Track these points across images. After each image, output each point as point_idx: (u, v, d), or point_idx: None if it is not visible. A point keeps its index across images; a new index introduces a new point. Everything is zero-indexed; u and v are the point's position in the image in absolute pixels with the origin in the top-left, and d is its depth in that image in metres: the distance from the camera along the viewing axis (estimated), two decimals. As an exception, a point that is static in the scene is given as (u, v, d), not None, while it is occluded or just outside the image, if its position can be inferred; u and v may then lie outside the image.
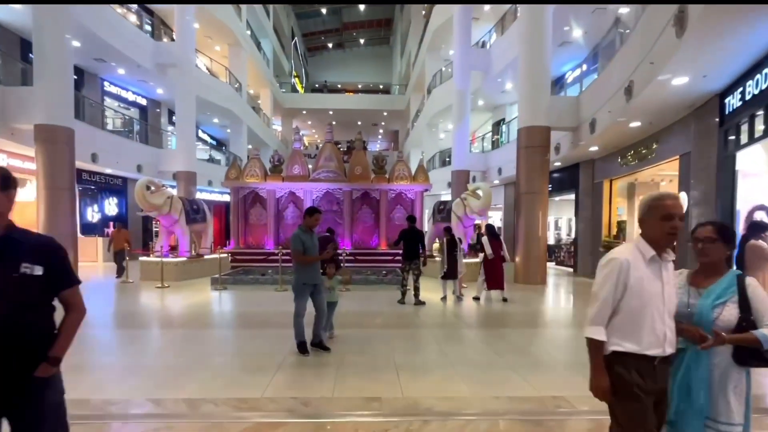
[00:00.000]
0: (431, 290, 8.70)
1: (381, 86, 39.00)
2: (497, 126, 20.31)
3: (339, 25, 39.50)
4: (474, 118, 20.88)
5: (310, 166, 14.49)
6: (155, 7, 17.61)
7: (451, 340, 5.36)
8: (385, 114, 35.35)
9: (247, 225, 14.17)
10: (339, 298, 5.29)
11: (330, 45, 43.24)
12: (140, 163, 15.55)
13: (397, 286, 9.58)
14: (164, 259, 9.90)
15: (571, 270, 13.80)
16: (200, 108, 19.33)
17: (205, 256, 11.57)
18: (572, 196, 13.98)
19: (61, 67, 10.04)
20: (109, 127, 16.32)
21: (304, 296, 4.48)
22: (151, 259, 10.31)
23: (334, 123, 24.13)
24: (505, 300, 7.91)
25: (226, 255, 12.11)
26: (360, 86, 38.35)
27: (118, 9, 14.59)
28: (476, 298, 8.05)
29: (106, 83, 16.80)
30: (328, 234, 8.96)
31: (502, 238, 8.63)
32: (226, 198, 21.59)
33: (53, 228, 9.84)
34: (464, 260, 8.64)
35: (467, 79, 16.96)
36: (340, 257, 9.39)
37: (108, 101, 17.03)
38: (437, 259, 10.88)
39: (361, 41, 42.61)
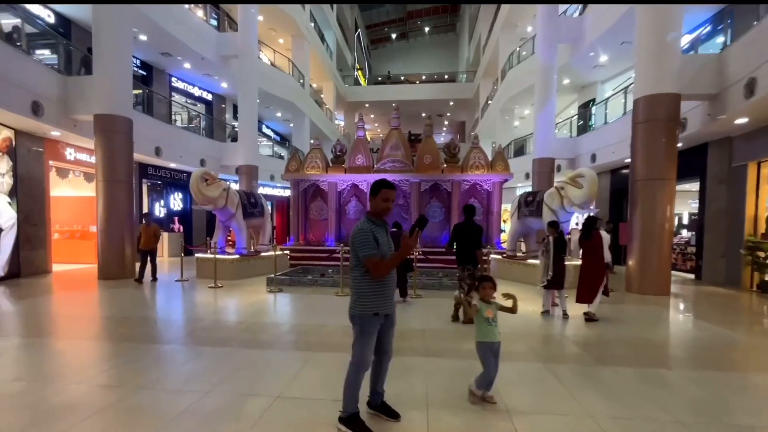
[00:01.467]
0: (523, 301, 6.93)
1: (446, 76, 36.90)
2: (585, 108, 17.64)
3: (403, 14, 38.10)
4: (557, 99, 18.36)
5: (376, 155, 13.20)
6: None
7: (584, 385, 3.65)
8: (451, 104, 33.37)
9: (307, 220, 13.25)
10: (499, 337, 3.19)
11: (393, 36, 42.05)
12: (203, 156, 15.26)
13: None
14: (218, 257, 9.09)
15: (691, 276, 11.15)
16: (263, 101, 18.93)
17: (263, 253, 10.69)
18: (692, 185, 11.29)
19: (120, 56, 9.63)
20: (178, 122, 16.33)
21: (373, 333, 2.70)
22: (207, 256, 9.58)
23: (393, 118, 23.04)
24: (589, 318, 5.93)
25: (282, 253, 11.18)
26: (424, 77, 36.58)
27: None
28: (566, 315, 6.13)
29: (173, 79, 16.82)
30: (395, 230, 7.56)
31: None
32: (288, 193, 21.14)
33: (111, 221, 9.45)
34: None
35: (553, 53, 14.66)
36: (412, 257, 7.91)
37: (176, 97, 17.07)
38: (532, 262, 9.03)
39: (426, 30, 40.89)
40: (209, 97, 18.83)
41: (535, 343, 4.92)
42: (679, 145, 10.57)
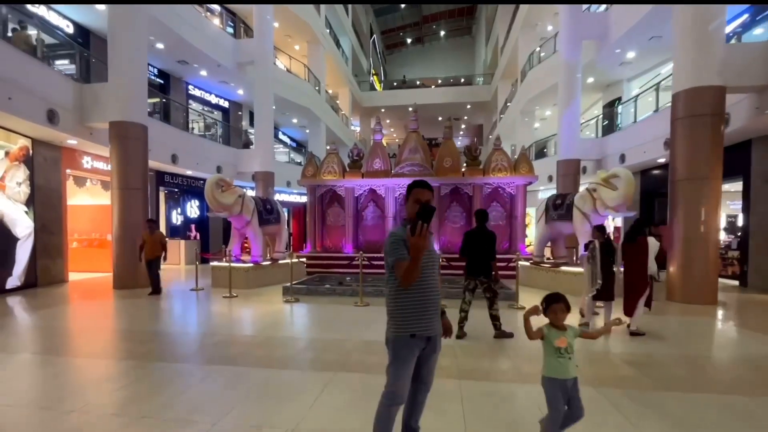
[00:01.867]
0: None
1: (462, 79, 36.40)
2: (610, 107, 16.93)
3: (418, 19, 37.83)
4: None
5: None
6: (235, 8, 17.36)
7: (647, 415, 3.13)
8: (468, 107, 32.84)
9: (324, 226, 12.91)
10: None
11: (409, 41, 41.80)
12: (219, 164, 15.13)
13: (510, 303, 7.45)
14: (233, 265, 8.79)
15: (734, 283, 10.36)
16: (279, 107, 18.80)
17: (279, 261, 10.38)
18: (732, 185, 10.53)
19: (135, 62, 9.51)
20: (195, 130, 16.28)
21: (409, 359, 2.24)
22: (221, 264, 9.31)
23: (411, 120, 22.72)
24: (633, 332, 5.34)
25: (299, 260, 10.85)
26: (440, 81, 36.16)
27: (200, 9, 14.33)
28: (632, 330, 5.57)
29: (190, 87, 16.82)
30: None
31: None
32: (305, 199, 20.94)
33: (125, 229, 9.28)
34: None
35: (578, 50, 14.08)
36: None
37: (193, 105, 17.06)
38: (575, 270, 8.43)
39: (442, 33, 40.54)
40: (226, 104, 18.80)
41: (580, 362, 4.39)
42: (721, 142, 9.87)
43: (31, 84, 8.30)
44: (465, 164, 12.16)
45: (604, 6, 15.00)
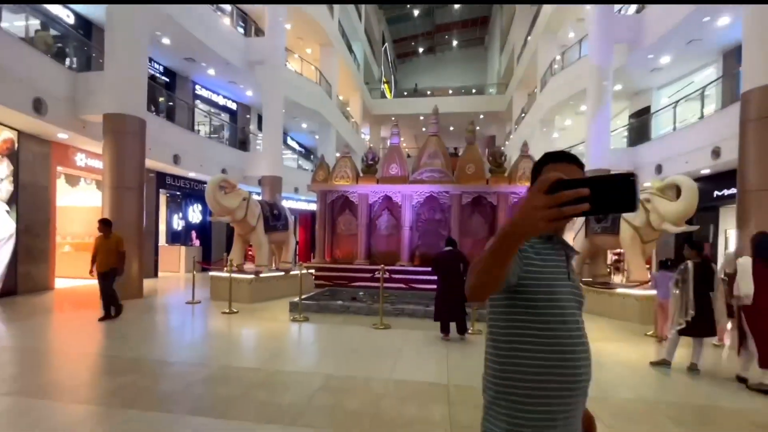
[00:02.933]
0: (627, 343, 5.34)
1: (473, 90, 35.68)
2: (638, 116, 15.98)
3: (431, 28, 37.33)
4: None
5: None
6: (247, 8, 16.67)
7: None
8: (481, 117, 31.99)
9: (334, 235, 11.93)
10: None
11: (420, 50, 41.28)
12: (224, 166, 14.25)
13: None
14: (234, 275, 7.81)
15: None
16: (289, 111, 18.02)
17: (286, 272, 9.40)
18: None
19: (134, 50, 8.67)
20: (201, 133, 15.49)
21: None
22: (221, 274, 8.32)
23: (424, 129, 21.88)
24: (760, 388, 4.08)
25: (307, 272, 9.87)
26: (451, 91, 35.45)
27: (210, 6, 13.63)
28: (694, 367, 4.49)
29: (197, 87, 16.07)
30: (450, 248, 6.12)
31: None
32: (314, 207, 20.06)
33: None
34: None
35: (609, 54, 13.18)
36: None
37: (200, 105, 16.29)
38: (628, 293, 7.34)
39: (454, 43, 39.99)
40: (233, 106, 18.03)
41: (688, 421, 3.32)
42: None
43: (14, 68, 7.45)
44: (489, 171, 11.19)
45: (634, 7, 14.17)
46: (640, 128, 15.50)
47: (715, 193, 10.69)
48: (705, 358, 4.65)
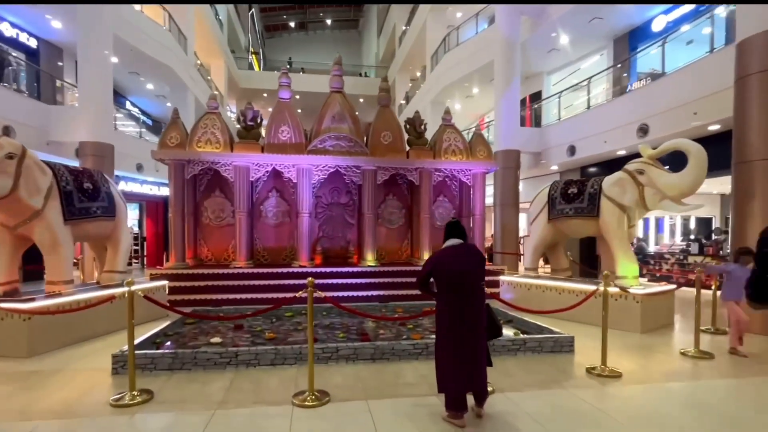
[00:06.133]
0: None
1: (349, 73, 33.68)
2: (534, 100, 15.82)
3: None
4: (489, 92, 16.31)
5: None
6: None
7: None
8: (361, 100, 30.12)
9: (198, 226, 8.36)
10: None
11: (292, 24, 37.52)
12: (9, 122, 9.11)
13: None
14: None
15: None
16: (126, 62, 13.16)
17: (112, 290, 5.66)
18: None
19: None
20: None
21: None
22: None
23: (300, 110, 19.48)
24: None
25: (154, 285, 6.32)
26: (328, 71, 32.76)
27: None
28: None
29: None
30: (461, 242, 3.36)
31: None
32: (166, 191, 15.39)
33: None
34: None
35: (516, 26, 12.31)
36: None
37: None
38: (578, 287, 5.67)
39: (328, 22, 37.28)
40: (33, 43, 12.31)
41: None
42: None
43: None
44: (408, 143, 9.04)
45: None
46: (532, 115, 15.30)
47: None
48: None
